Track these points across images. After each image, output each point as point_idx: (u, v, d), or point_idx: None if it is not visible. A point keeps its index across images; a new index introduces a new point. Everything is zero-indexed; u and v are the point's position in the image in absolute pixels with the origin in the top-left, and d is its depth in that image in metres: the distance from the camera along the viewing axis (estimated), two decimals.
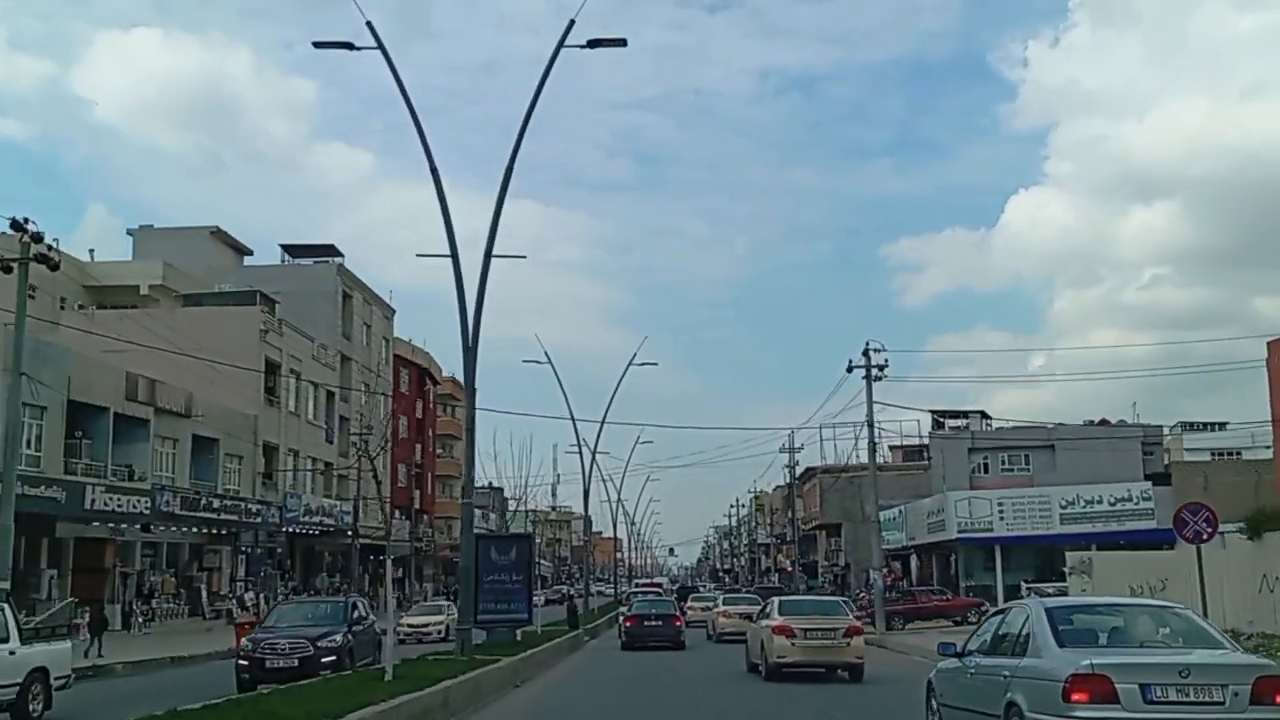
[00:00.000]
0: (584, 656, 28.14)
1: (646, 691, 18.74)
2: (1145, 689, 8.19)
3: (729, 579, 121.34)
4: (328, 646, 19.00)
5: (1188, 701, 8.17)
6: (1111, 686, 8.20)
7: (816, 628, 19.89)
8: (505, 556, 22.67)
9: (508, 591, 22.60)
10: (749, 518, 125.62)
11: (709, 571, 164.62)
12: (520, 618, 23.31)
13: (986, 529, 44.07)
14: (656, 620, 30.23)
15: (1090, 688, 8.23)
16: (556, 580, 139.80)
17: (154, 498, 35.19)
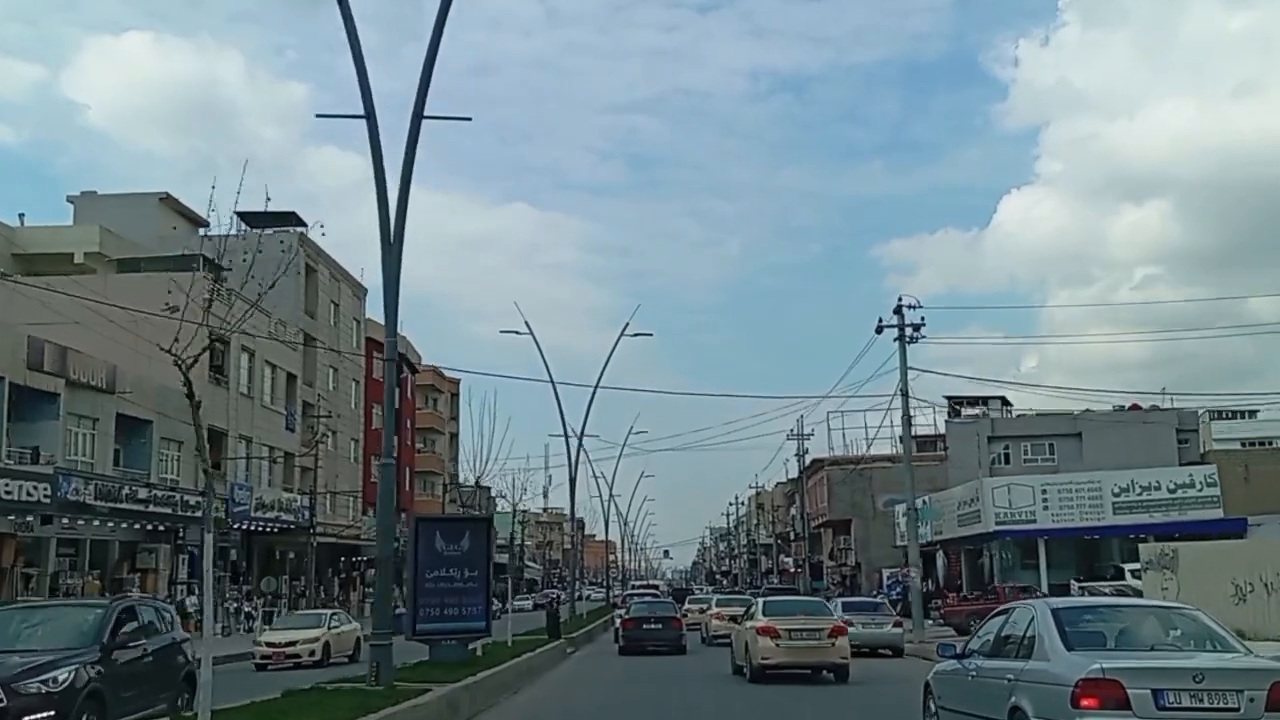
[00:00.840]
0: (565, 671, 24.43)
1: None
2: (1158, 694, 7.88)
3: (727, 581, 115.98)
4: (36, 693, 10.69)
5: (1202, 708, 7.81)
6: (1123, 692, 7.87)
7: (801, 628, 19.69)
8: (455, 546, 17.21)
9: (458, 592, 17.15)
10: (747, 517, 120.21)
11: (705, 574, 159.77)
12: (474, 626, 17.82)
13: (1028, 520, 38.82)
14: (656, 623, 28.94)
15: (1101, 693, 7.90)
16: (547, 584, 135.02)
17: (56, 484, 29.63)
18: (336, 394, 59.46)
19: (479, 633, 17.92)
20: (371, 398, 65.08)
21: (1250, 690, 7.89)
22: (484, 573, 17.47)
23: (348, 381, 60.94)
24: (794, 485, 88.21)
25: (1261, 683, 7.95)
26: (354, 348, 62.65)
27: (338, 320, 60.00)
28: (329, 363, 58.35)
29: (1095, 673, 8.01)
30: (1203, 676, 7.98)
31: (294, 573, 56.35)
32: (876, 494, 67.30)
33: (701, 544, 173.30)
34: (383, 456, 15.05)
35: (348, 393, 60.97)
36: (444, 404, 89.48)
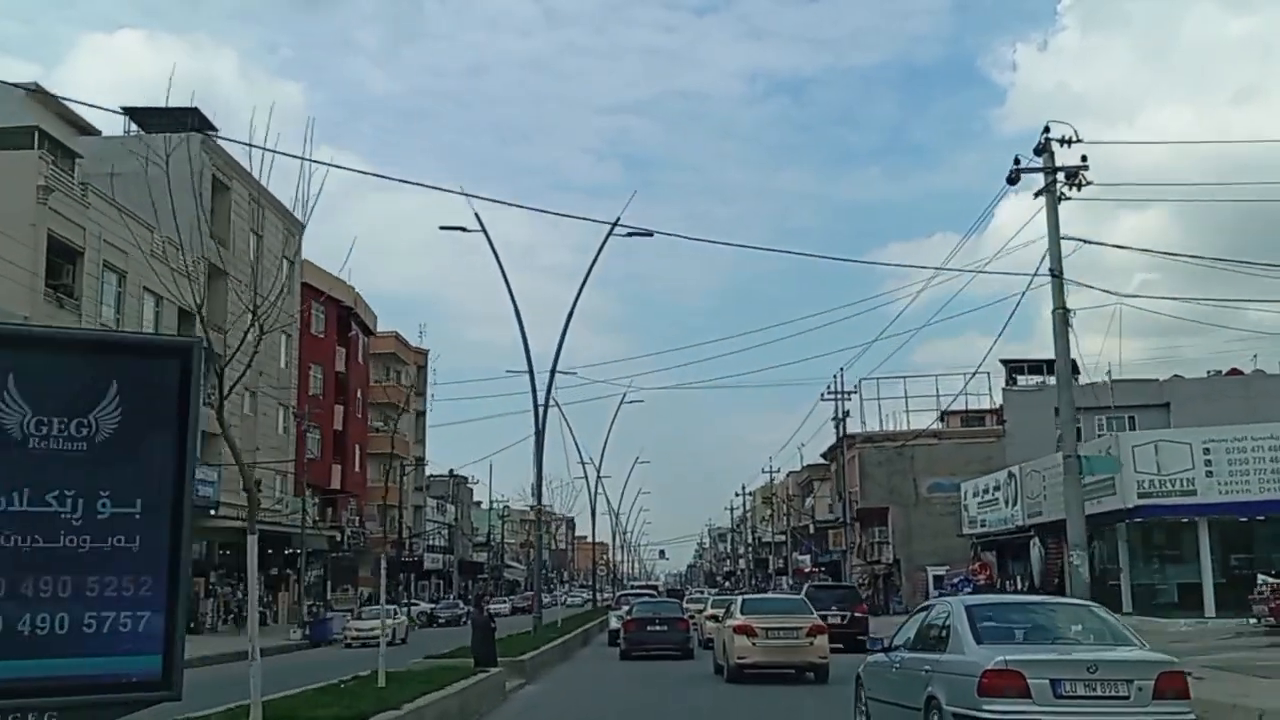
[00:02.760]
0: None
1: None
2: (1056, 684, 8.50)
3: (730, 583, 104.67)
4: None
5: (1095, 696, 8.50)
6: (1024, 681, 8.48)
7: (779, 627, 19.30)
8: (64, 428, 5.43)
9: (65, 565, 5.26)
10: (752, 513, 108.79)
11: (704, 575, 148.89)
12: (108, 674, 5.21)
13: (1186, 491, 27.46)
14: (661, 624, 26.97)
15: (1004, 682, 8.52)
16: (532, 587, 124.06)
17: None
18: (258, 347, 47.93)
19: (147, 684, 5.74)
20: (308, 357, 53.59)
21: (1139, 680, 8.56)
22: (166, 508, 5.75)
23: (272, 331, 49.32)
24: (810, 473, 76.79)
25: (1149, 673, 8.64)
26: (285, 292, 51.02)
27: (260, 253, 48.26)
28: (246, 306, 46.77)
29: (999, 664, 8.63)
30: (1096, 668, 8.66)
31: (200, 568, 44.90)
32: (919, 477, 56.00)
33: (699, 544, 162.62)
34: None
35: (274, 346, 49.42)
36: (409, 377, 77.99)
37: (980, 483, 38.27)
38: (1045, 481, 31.97)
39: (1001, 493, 35.45)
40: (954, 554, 53.35)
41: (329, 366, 55.90)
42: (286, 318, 49.80)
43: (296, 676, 16.42)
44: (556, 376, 28.84)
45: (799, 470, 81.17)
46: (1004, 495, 35.22)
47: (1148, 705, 8.48)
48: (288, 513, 45.85)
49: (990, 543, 39.35)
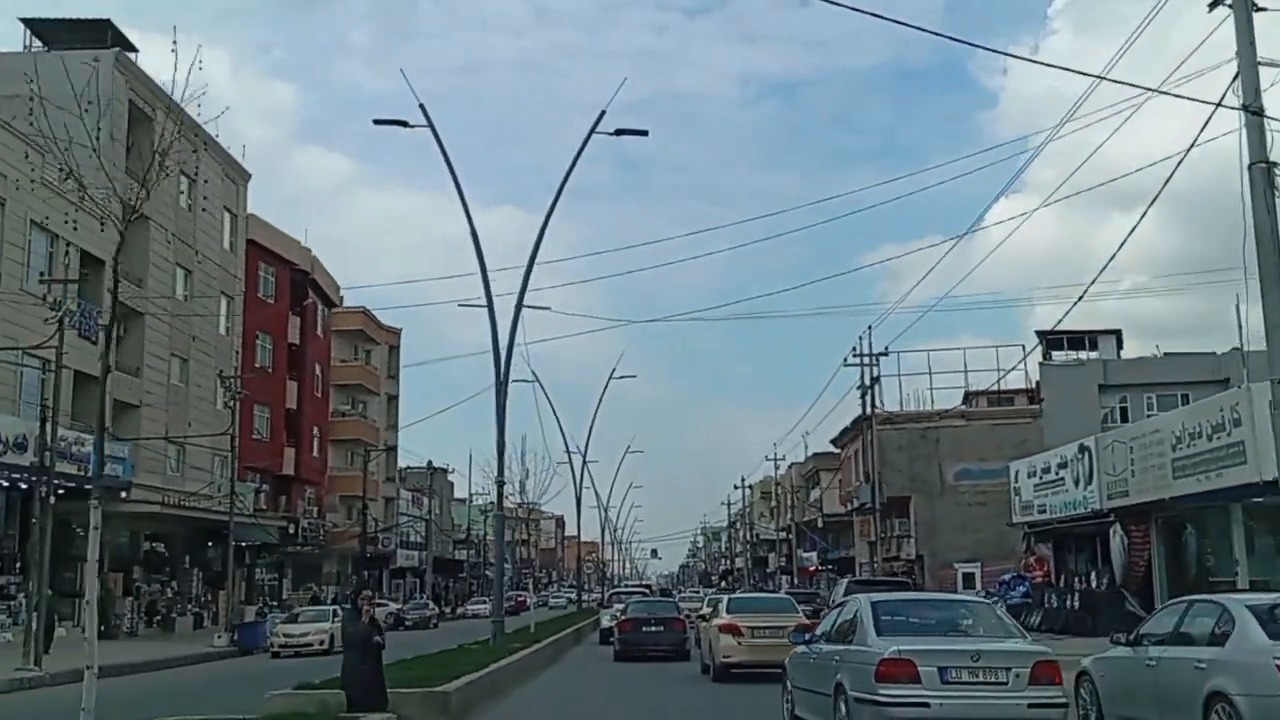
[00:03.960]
0: None
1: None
2: (943, 671, 9.32)
3: (728, 582, 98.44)
4: None
5: (978, 682, 9.34)
6: (915, 669, 9.28)
7: (765, 626, 19.03)
8: None
9: None
10: (749, 510, 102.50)
11: (698, 576, 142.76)
12: None
13: None
14: (657, 625, 25.76)
15: (897, 669, 9.32)
16: (518, 586, 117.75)
17: None
18: (189, 306, 41.56)
19: None
20: (255, 324, 47.18)
21: (1016, 668, 9.41)
22: None
23: (210, 291, 43.02)
24: (815, 463, 70.52)
25: (1025, 662, 9.49)
26: (223, 247, 44.72)
27: (194, 200, 42.02)
28: (177, 260, 40.45)
29: (893, 653, 9.44)
30: (979, 657, 9.51)
31: (120, 562, 38.55)
32: (945, 463, 49.80)
33: (693, 543, 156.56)
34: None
35: (210, 308, 43.07)
36: (380, 358, 71.64)
37: (1037, 461, 32.07)
38: (1134, 454, 25.72)
39: (1069, 471, 29.18)
40: (984, 549, 47.27)
41: (280, 337, 49.50)
42: (227, 276, 43.58)
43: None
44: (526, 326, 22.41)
45: (803, 462, 74.92)
46: (1072, 474, 28.97)
47: (1024, 690, 9.30)
48: (221, 497, 39.43)
49: (1045, 533, 33.10)
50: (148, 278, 37.90)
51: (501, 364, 21.60)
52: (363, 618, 9.61)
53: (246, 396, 45.58)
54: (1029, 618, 29.85)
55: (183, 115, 38.45)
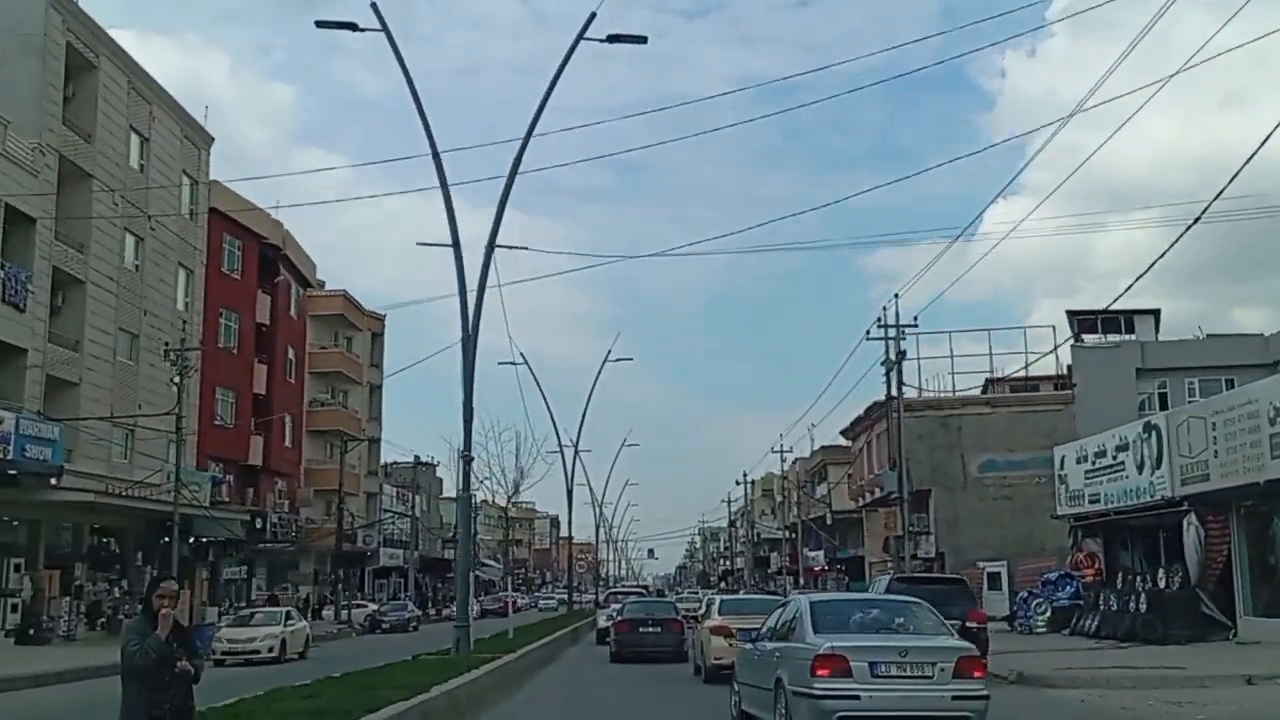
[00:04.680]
0: None
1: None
2: (873, 665, 9.84)
3: (728, 583, 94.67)
4: None
5: (905, 675, 9.87)
6: (847, 663, 9.80)
7: (755, 627, 16.67)
8: None
9: None
10: (749, 508, 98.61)
11: (697, 577, 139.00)
12: None
13: None
14: (654, 626, 25.23)
15: (830, 664, 9.84)
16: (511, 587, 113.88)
17: None
18: (140, 277, 37.70)
19: None
20: (218, 300, 43.31)
21: (941, 663, 9.95)
22: None
23: (165, 262, 39.13)
24: (824, 456, 66.70)
25: (950, 658, 10.03)
26: (182, 215, 40.83)
27: (147, 161, 38.15)
28: (126, 225, 36.57)
29: (827, 649, 9.98)
30: (907, 652, 10.05)
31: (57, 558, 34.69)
32: (968, 454, 45.93)
33: (690, 543, 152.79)
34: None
35: (165, 280, 39.21)
36: (362, 345, 67.71)
37: (1089, 444, 28.25)
38: (1216, 431, 21.90)
39: (1131, 454, 25.33)
40: (1010, 547, 43.49)
41: (247, 315, 45.59)
42: (186, 247, 39.72)
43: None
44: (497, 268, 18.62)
45: (808, 456, 71.07)
46: (1135, 457, 25.12)
47: (948, 683, 9.81)
48: (167, 486, 35.53)
49: (1095, 526, 29.27)
50: (90, 242, 34.03)
51: (470, 312, 17.78)
52: (159, 627, 5.84)
53: (204, 376, 41.77)
54: (1083, 622, 26.05)
55: (133, 66, 34.26)
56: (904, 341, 31.06)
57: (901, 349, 30.80)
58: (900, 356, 30.73)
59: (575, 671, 22.91)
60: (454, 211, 18.02)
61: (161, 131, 39.03)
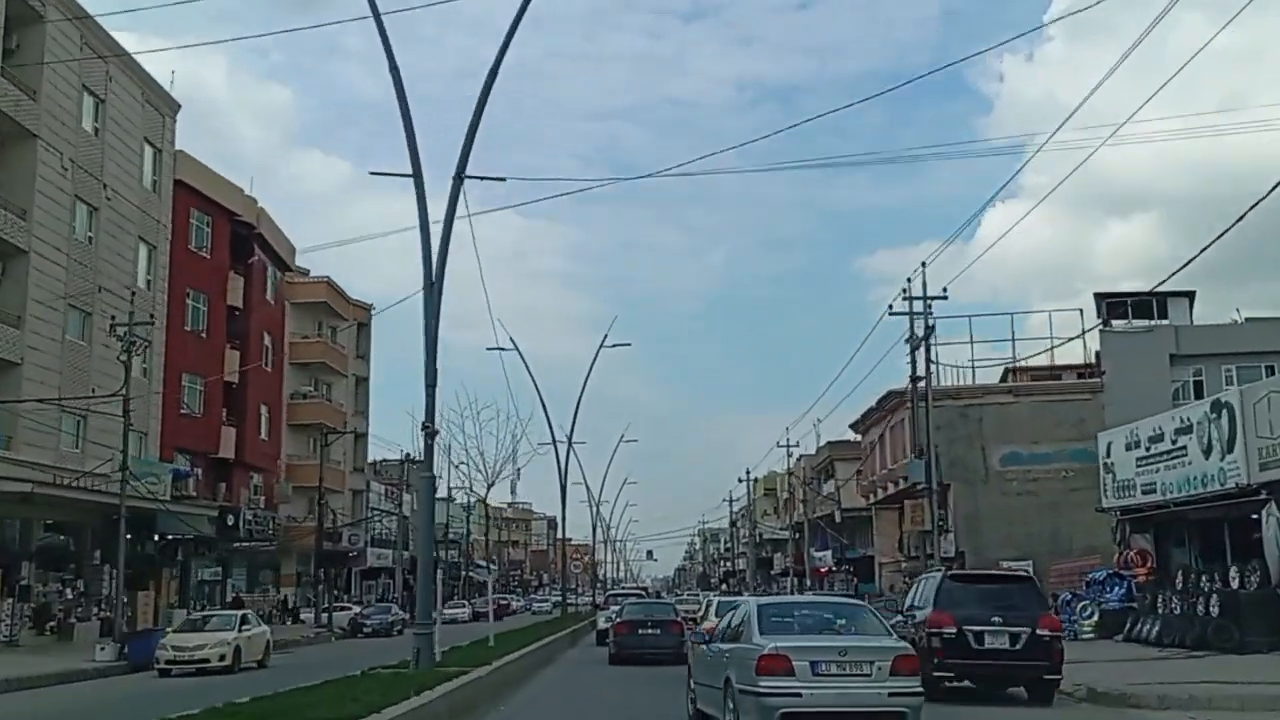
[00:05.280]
0: None
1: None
2: (815, 664, 10.27)
3: (729, 585, 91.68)
4: None
5: (845, 674, 10.29)
6: (789, 663, 10.22)
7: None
8: None
9: None
10: (751, 508, 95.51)
11: (697, 578, 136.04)
12: None
13: None
14: (653, 627, 25.12)
15: (774, 664, 10.25)
16: (506, 588, 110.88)
17: None
18: (94, 250, 34.66)
19: None
20: (184, 279, 40.30)
21: (879, 661, 10.36)
22: None
23: (123, 235, 36.09)
24: (831, 452, 63.66)
25: (886, 656, 10.43)
26: (143, 186, 37.80)
27: (103, 125, 35.12)
28: (78, 192, 33.53)
29: (771, 650, 10.39)
30: (846, 651, 10.49)
31: None
32: (989, 446, 42.88)
33: (689, 544, 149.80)
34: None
35: (123, 255, 36.17)
36: (347, 336, 64.69)
37: (1143, 427, 25.20)
38: None
39: (1195, 437, 22.28)
40: (1035, 545, 40.54)
41: (217, 297, 42.53)
42: (148, 220, 36.70)
43: None
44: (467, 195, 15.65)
45: (814, 453, 68.00)
46: (1200, 440, 22.07)
47: (885, 680, 10.23)
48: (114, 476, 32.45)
49: (1144, 520, 26.25)
50: (33, 208, 30.99)
51: (433, 252, 14.81)
52: None
53: (169, 360, 38.79)
54: (1141, 628, 23.03)
55: (87, 20, 30.59)
56: (932, 318, 27.92)
57: (930, 323, 27.71)
58: (929, 332, 27.66)
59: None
60: (414, 135, 14.99)
61: (120, 94, 36.02)
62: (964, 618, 14.10)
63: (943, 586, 14.81)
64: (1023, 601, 14.70)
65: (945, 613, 14.31)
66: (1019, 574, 18.26)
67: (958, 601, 14.54)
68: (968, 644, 14.04)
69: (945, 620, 14.19)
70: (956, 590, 14.70)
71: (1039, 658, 14.07)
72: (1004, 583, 15.52)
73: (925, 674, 13.74)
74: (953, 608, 14.43)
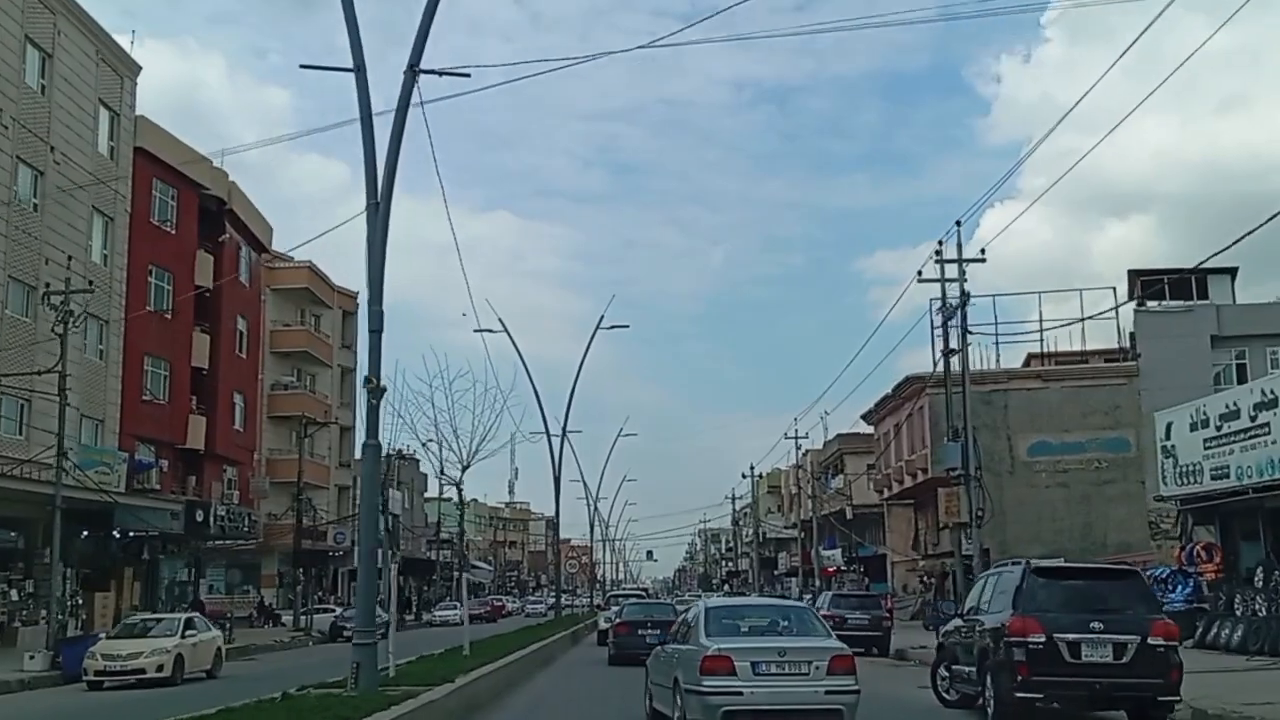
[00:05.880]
0: None
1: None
2: (755, 665, 10.66)
3: (732, 585, 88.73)
4: None
5: (784, 674, 10.69)
6: (731, 664, 10.65)
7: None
8: None
9: None
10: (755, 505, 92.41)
11: (698, 579, 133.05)
12: None
13: None
14: (654, 628, 23.92)
15: (718, 664, 10.69)
16: (503, 589, 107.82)
17: None
18: (39, 218, 31.61)
19: None
20: (146, 255, 37.27)
21: (816, 661, 10.75)
22: None
23: (74, 204, 33.01)
24: (840, 444, 60.58)
25: (824, 656, 10.79)
26: (97, 151, 34.76)
27: (50, 83, 32.06)
28: (18, 152, 30.48)
29: (714, 651, 10.83)
30: (785, 652, 10.86)
31: None
32: (1015, 435, 39.92)
33: (690, 545, 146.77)
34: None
35: (74, 225, 33.11)
36: (331, 324, 61.64)
37: (1212, 404, 22.16)
38: None
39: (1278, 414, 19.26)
40: (1065, 540, 37.70)
41: (183, 276, 39.43)
42: (103, 188, 33.71)
43: None
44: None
45: (821, 448, 64.89)
46: None
47: (822, 679, 10.61)
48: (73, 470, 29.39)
49: (1210, 510, 23.22)
50: None
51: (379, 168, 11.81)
52: None
53: (128, 341, 35.77)
54: (1219, 632, 20.01)
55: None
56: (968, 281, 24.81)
57: (965, 290, 24.60)
58: (964, 299, 24.55)
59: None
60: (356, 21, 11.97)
61: (70, 49, 32.98)
62: (1054, 623, 11.07)
63: (1026, 584, 11.66)
64: (1128, 602, 11.75)
65: (1031, 618, 11.29)
66: (1122, 567, 15.22)
67: (1044, 603, 11.53)
68: (1060, 657, 11.01)
69: (1032, 627, 11.20)
70: (1043, 589, 11.60)
71: (1151, 674, 11.06)
72: (1103, 578, 12.27)
73: (1004, 694, 11.51)
74: (1039, 611, 11.41)
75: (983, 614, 12.66)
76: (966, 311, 24.50)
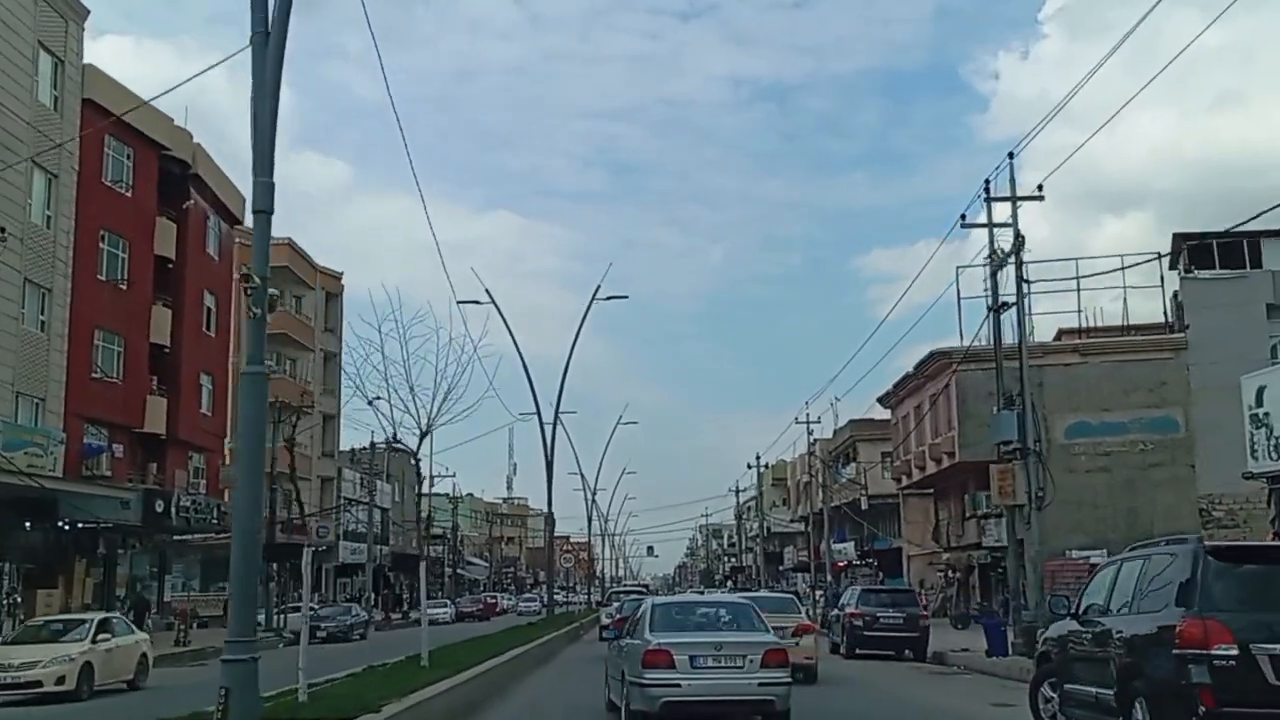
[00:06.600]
0: None
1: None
2: (694, 658, 11.40)
3: (736, 581, 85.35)
4: None
5: (720, 667, 11.43)
6: (671, 657, 11.37)
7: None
8: None
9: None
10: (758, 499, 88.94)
11: (700, 575, 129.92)
12: None
13: None
14: None
15: (658, 658, 11.40)
16: (498, 586, 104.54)
17: None
18: None
19: None
20: (97, 218, 33.80)
21: (751, 655, 11.50)
22: None
23: (9, 157, 29.46)
24: (853, 431, 57.11)
25: (758, 650, 11.53)
26: (36, 99, 31.26)
27: None
28: None
29: (654, 646, 11.55)
30: (722, 646, 11.61)
31: None
32: (1052, 415, 36.33)
33: (691, 540, 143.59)
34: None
35: (11, 182, 29.59)
36: (314, 305, 58.23)
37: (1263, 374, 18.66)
38: None
39: None
40: (1108, 530, 34.38)
41: (141, 243, 35.94)
42: (43, 141, 30.32)
43: None
44: None
45: (831, 437, 61.43)
46: None
47: (756, 672, 11.38)
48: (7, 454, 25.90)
49: None
50: None
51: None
52: None
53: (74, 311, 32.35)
54: None
55: None
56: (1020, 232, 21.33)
57: (1020, 234, 21.12)
58: (1019, 244, 21.06)
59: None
60: None
61: None
62: (1250, 629, 7.60)
63: (1200, 574, 7.90)
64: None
65: (1215, 620, 7.73)
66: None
67: (1225, 599, 7.93)
68: (1260, 675, 7.50)
69: (1217, 634, 7.65)
70: (1222, 582, 7.88)
71: None
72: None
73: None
74: (1221, 611, 7.83)
75: (1118, 614, 9.09)
76: (1021, 257, 20.93)
